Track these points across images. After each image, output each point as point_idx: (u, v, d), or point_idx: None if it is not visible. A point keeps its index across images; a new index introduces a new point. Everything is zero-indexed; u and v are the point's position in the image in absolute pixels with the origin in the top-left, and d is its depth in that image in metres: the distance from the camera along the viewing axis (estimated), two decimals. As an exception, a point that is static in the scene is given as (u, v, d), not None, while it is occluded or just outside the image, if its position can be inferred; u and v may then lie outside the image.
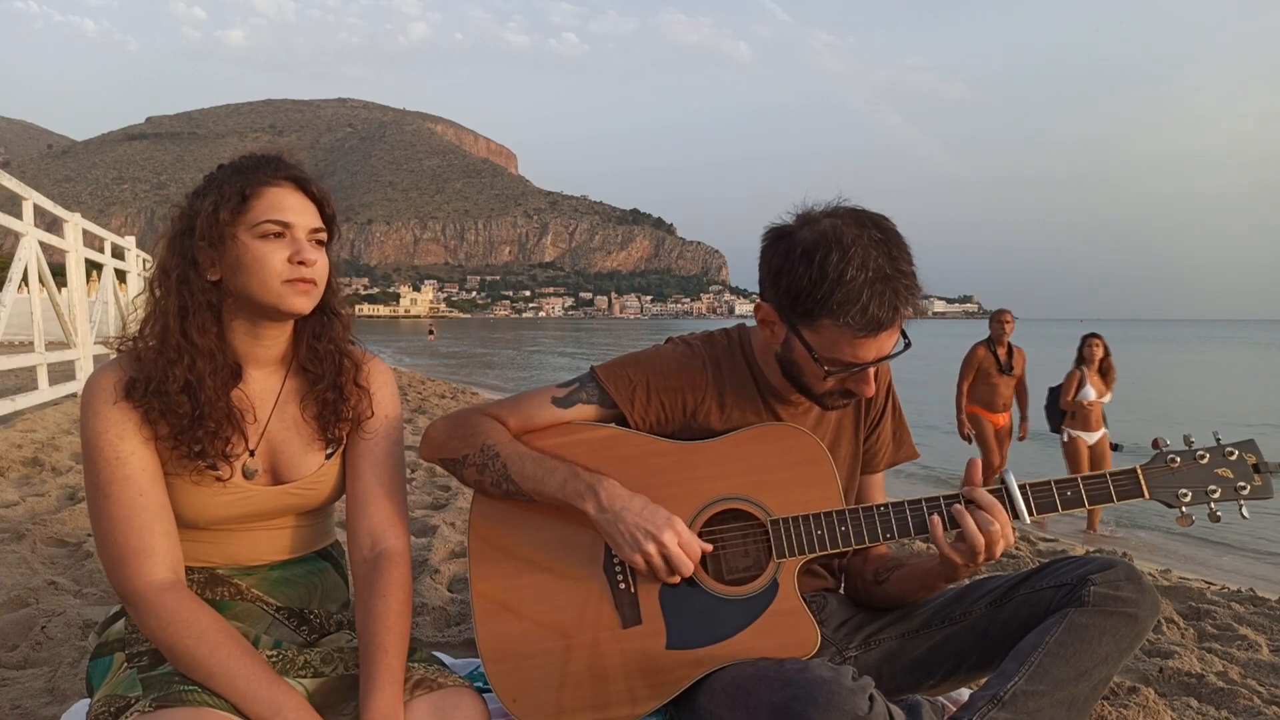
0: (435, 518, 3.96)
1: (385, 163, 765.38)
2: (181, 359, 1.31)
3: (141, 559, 1.27)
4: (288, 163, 1.39)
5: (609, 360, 1.63)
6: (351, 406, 1.47)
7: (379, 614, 1.34)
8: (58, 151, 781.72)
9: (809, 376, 1.49)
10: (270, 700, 1.20)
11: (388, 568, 1.40)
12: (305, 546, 1.50)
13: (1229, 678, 2.36)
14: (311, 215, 1.38)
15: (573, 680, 1.47)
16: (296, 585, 1.47)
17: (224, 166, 1.39)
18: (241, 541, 1.42)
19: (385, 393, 1.53)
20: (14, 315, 6.51)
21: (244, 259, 1.32)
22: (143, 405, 1.31)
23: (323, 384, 1.45)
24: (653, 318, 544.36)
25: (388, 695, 1.24)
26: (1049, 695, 1.37)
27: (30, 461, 4.96)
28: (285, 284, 1.33)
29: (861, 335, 1.38)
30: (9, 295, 6.13)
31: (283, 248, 1.33)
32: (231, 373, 1.38)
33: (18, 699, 1.98)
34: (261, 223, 1.32)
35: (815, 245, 1.38)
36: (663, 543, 1.41)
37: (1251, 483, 1.46)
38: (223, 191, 1.33)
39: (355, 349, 1.52)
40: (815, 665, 1.32)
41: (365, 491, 1.46)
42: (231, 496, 1.37)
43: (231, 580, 1.41)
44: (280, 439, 1.44)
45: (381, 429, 1.50)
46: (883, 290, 1.35)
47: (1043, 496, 1.46)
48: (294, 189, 1.36)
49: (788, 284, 1.41)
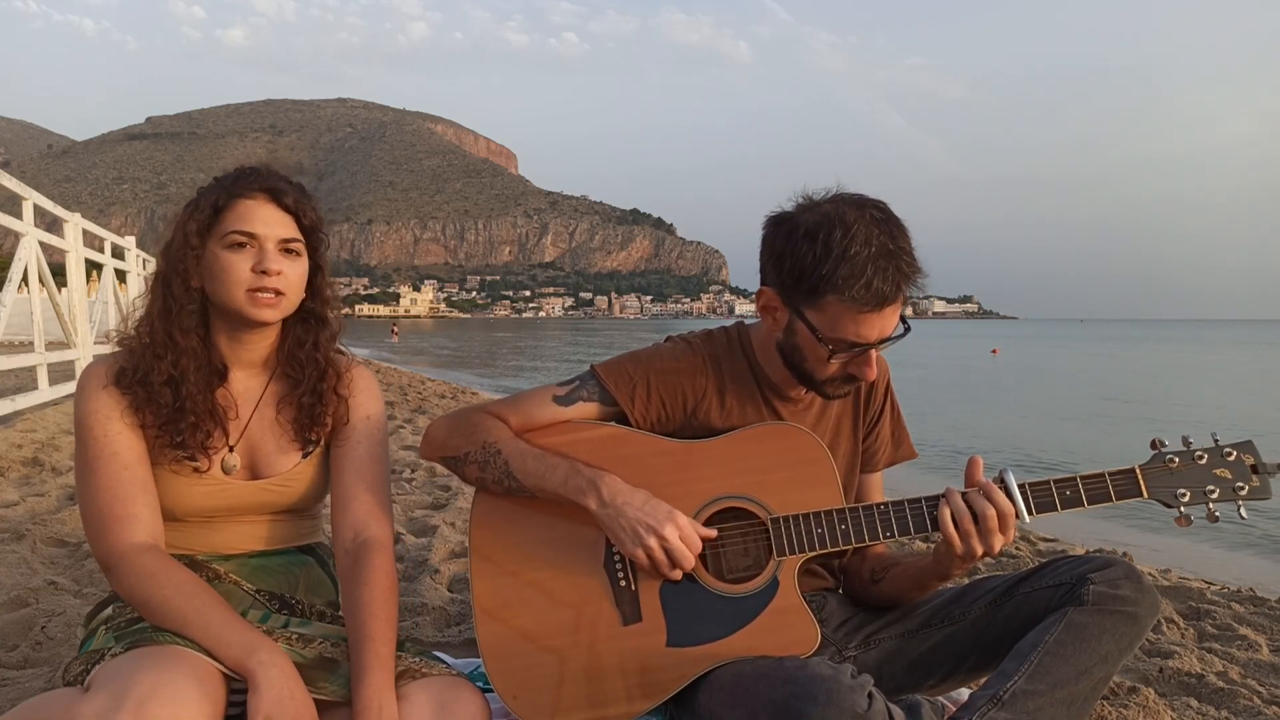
0: (435, 518, 3.96)
1: (385, 163, 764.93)
2: (166, 355, 1.39)
3: (125, 524, 1.33)
4: (269, 173, 1.45)
5: (609, 358, 1.63)
6: (328, 413, 1.51)
7: (364, 602, 1.36)
8: (58, 151, 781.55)
9: (812, 361, 1.50)
10: (243, 643, 1.21)
11: (370, 555, 1.42)
12: (284, 540, 1.54)
13: (1229, 678, 2.36)
14: (283, 226, 1.42)
15: (573, 677, 1.48)
16: (276, 573, 1.50)
17: (214, 180, 1.46)
18: (219, 533, 1.47)
19: (365, 396, 1.57)
20: (14, 315, 6.51)
21: (214, 268, 1.40)
22: (130, 393, 1.39)
23: (301, 389, 1.50)
24: (653, 318, 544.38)
25: (376, 682, 1.25)
26: (1049, 694, 1.37)
27: (30, 461, 4.96)
28: (248, 294, 1.39)
29: (866, 310, 1.40)
30: (9, 295, 6.13)
31: (247, 258, 1.39)
32: (215, 372, 1.45)
33: (18, 699, 1.98)
34: (228, 233, 1.39)
35: (818, 226, 1.40)
36: (664, 536, 1.42)
37: (1250, 483, 1.46)
38: (199, 204, 1.41)
39: (340, 357, 1.57)
40: (815, 663, 1.33)
41: (347, 489, 1.50)
42: (209, 488, 1.43)
43: (210, 565, 1.46)
44: (259, 437, 1.49)
45: (362, 430, 1.54)
46: (885, 265, 1.37)
47: (1042, 496, 1.46)
48: (266, 200, 1.42)
49: (791, 264, 1.43)
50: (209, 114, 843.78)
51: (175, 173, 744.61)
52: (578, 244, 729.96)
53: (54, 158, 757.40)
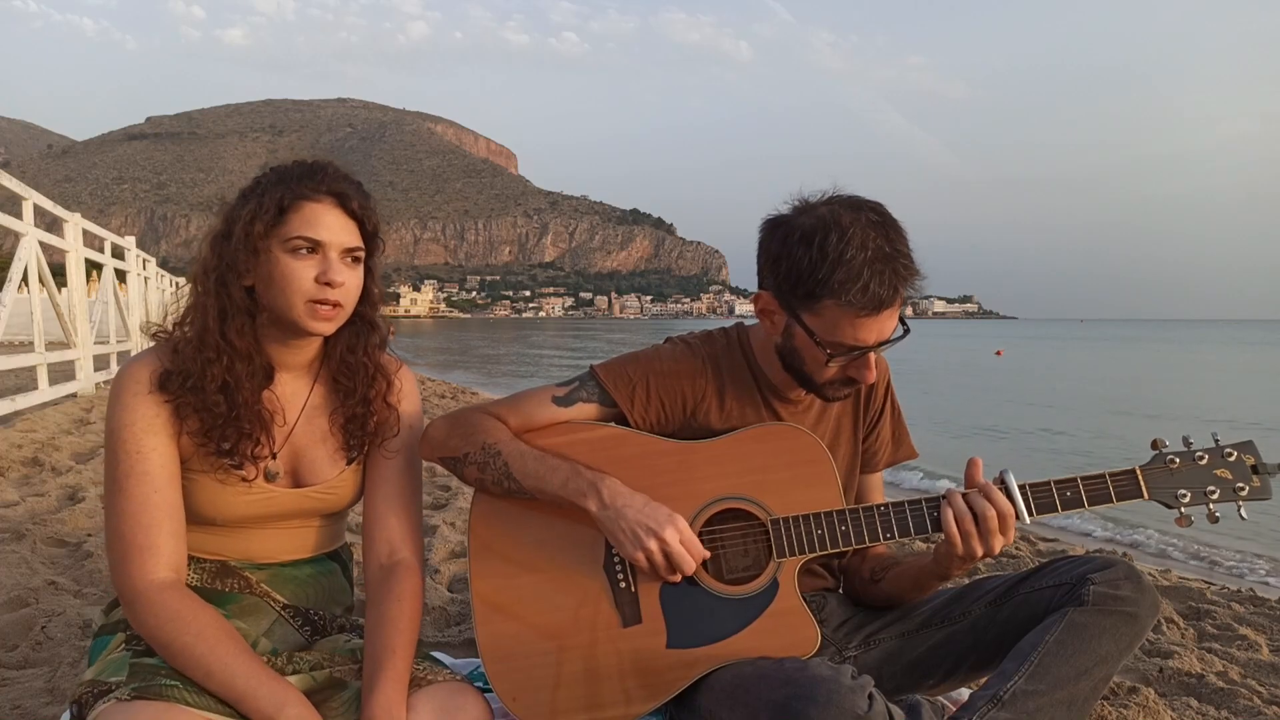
0: (435, 518, 3.96)
1: (385, 163, 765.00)
2: (220, 359, 1.31)
3: (145, 557, 1.27)
4: (334, 174, 1.36)
5: (609, 359, 1.63)
6: (378, 422, 1.47)
7: (392, 618, 1.35)
8: (58, 151, 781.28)
9: (810, 364, 1.49)
10: (270, 696, 1.20)
11: (404, 576, 1.42)
12: (319, 548, 1.51)
13: (1229, 678, 2.36)
14: (348, 234, 1.35)
15: (573, 679, 1.47)
16: (306, 585, 1.48)
17: (272, 171, 1.37)
18: (257, 539, 1.43)
19: (409, 401, 1.53)
20: (14, 315, 6.51)
21: (274, 273, 1.31)
22: (176, 399, 1.30)
23: (353, 399, 1.45)
24: (653, 318, 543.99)
25: (389, 693, 1.24)
26: (1049, 695, 1.37)
27: (30, 461, 4.96)
28: (308, 304, 1.31)
29: (863, 314, 1.39)
30: (9, 295, 6.13)
31: (312, 266, 1.32)
32: (265, 374, 1.38)
33: (18, 699, 1.98)
34: (293, 238, 1.31)
35: (814, 229, 1.40)
36: (664, 539, 1.41)
37: (1250, 484, 1.46)
38: (262, 201, 1.31)
39: (390, 361, 1.52)
40: (815, 664, 1.32)
41: (384, 504, 1.47)
42: (254, 497, 1.39)
43: (242, 573, 1.43)
44: (304, 444, 1.44)
45: (403, 439, 1.50)
46: (882, 269, 1.36)
47: (1042, 496, 1.46)
48: (333, 204, 1.34)
49: (788, 269, 1.42)
50: (209, 114, 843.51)
51: (175, 173, 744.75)
52: (578, 244, 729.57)
53: (54, 158, 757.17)
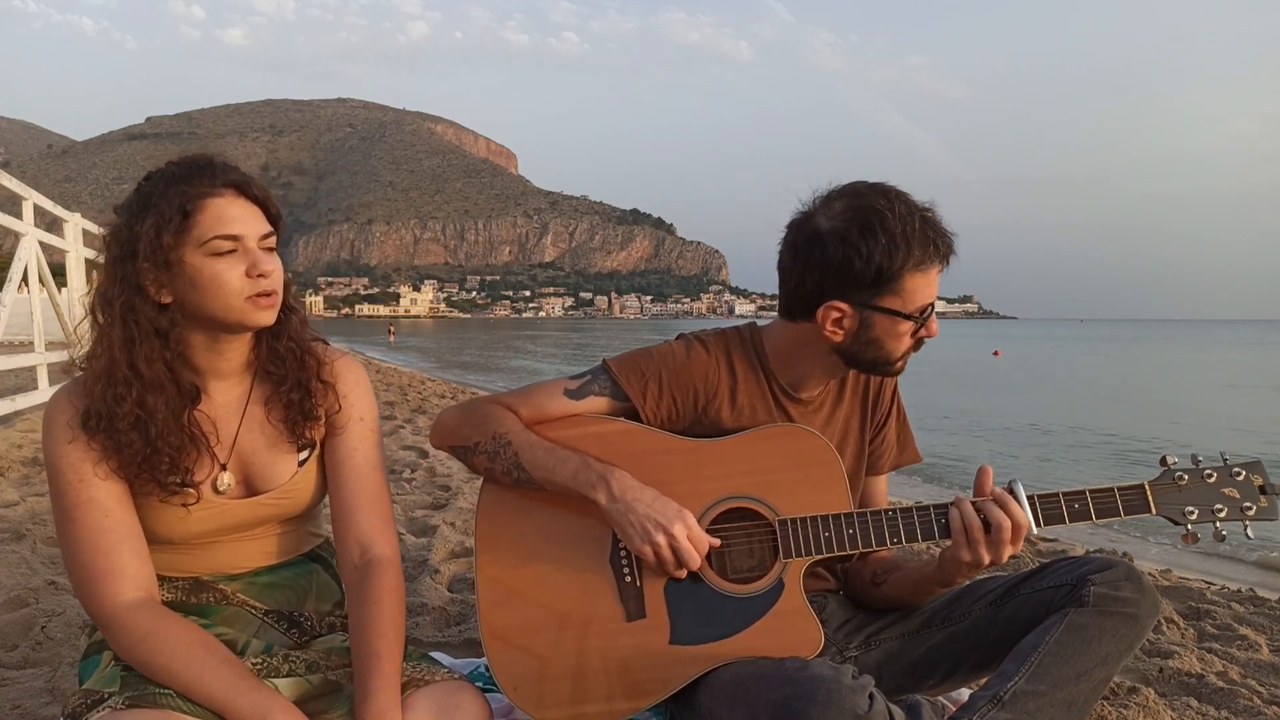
0: (435, 518, 3.96)
1: (385, 163, 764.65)
2: (130, 393, 1.25)
3: (111, 580, 1.24)
4: (223, 165, 1.31)
5: (622, 353, 1.63)
6: (318, 405, 1.42)
7: (371, 621, 1.32)
8: (58, 151, 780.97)
9: (891, 344, 1.50)
10: (252, 706, 1.18)
11: (379, 574, 1.38)
12: (291, 551, 1.47)
13: (1229, 678, 2.36)
14: (259, 220, 1.30)
15: (574, 671, 1.48)
16: (285, 589, 1.45)
17: (154, 177, 1.28)
18: (223, 552, 1.40)
19: (357, 393, 1.47)
20: (14, 315, 6.50)
21: (198, 280, 1.25)
22: (97, 440, 1.26)
23: (286, 384, 1.40)
24: (653, 318, 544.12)
25: (381, 701, 1.23)
26: (1049, 695, 1.37)
27: (30, 461, 4.96)
28: (247, 300, 1.27)
29: (933, 268, 1.46)
30: (9, 295, 6.12)
31: (237, 262, 1.26)
32: (186, 396, 1.31)
33: (18, 699, 1.98)
34: (210, 239, 1.24)
35: (866, 222, 1.42)
36: (673, 535, 1.42)
37: (1258, 504, 1.46)
38: (161, 210, 1.23)
39: (318, 345, 1.46)
40: (815, 664, 1.33)
41: (350, 500, 1.42)
42: (204, 513, 1.34)
43: (216, 585, 1.39)
44: (251, 449, 1.39)
45: (357, 434, 1.45)
46: (930, 222, 1.44)
47: (1050, 508, 1.46)
48: (235, 195, 1.28)
49: (861, 267, 1.43)
50: (209, 114, 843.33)
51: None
52: (578, 244, 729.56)
53: (54, 158, 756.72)
